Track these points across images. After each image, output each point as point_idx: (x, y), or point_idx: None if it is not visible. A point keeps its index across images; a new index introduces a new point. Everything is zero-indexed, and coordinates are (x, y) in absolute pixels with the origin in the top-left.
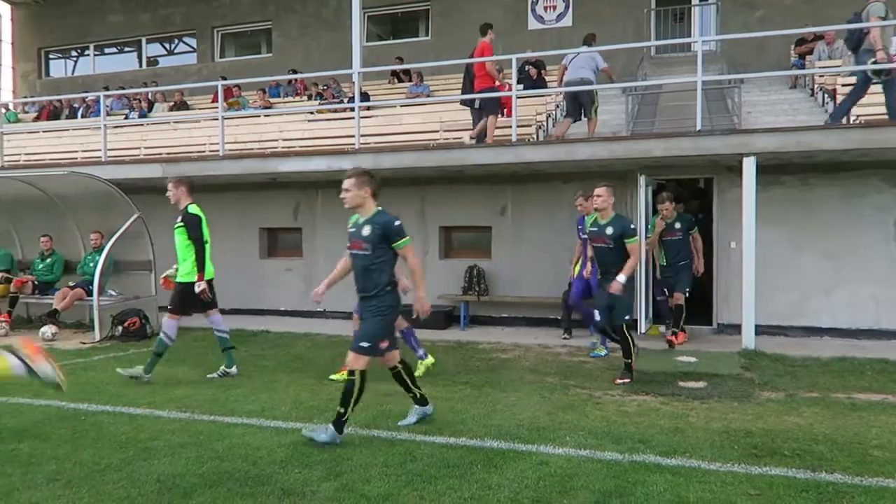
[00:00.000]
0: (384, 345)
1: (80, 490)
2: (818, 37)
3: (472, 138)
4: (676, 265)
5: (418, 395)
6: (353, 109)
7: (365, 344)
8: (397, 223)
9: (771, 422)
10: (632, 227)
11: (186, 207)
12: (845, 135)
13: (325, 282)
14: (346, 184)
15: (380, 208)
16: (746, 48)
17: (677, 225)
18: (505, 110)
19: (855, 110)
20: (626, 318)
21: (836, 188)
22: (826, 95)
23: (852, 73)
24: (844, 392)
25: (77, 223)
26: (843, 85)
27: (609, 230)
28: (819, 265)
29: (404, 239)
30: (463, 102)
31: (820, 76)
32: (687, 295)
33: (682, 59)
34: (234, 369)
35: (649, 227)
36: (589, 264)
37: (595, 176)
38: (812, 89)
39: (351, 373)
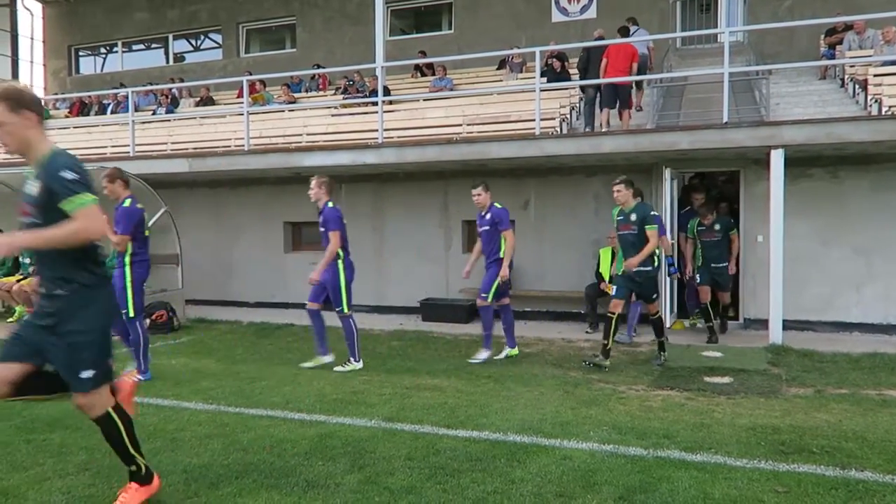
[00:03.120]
0: None
1: (110, 479)
2: (848, 26)
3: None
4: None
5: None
6: (376, 104)
7: None
8: (653, 212)
9: (799, 418)
10: (652, 213)
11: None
12: (877, 126)
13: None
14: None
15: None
16: (775, 39)
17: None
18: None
19: (886, 101)
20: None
21: (866, 181)
22: (857, 86)
23: (883, 63)
24: (875, 388)
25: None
26: (875, 75)
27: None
28: (849, 259)
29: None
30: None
31: (850, 66)
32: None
33: (709, 51)
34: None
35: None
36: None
37: (619, 169)
38: (842, 80)
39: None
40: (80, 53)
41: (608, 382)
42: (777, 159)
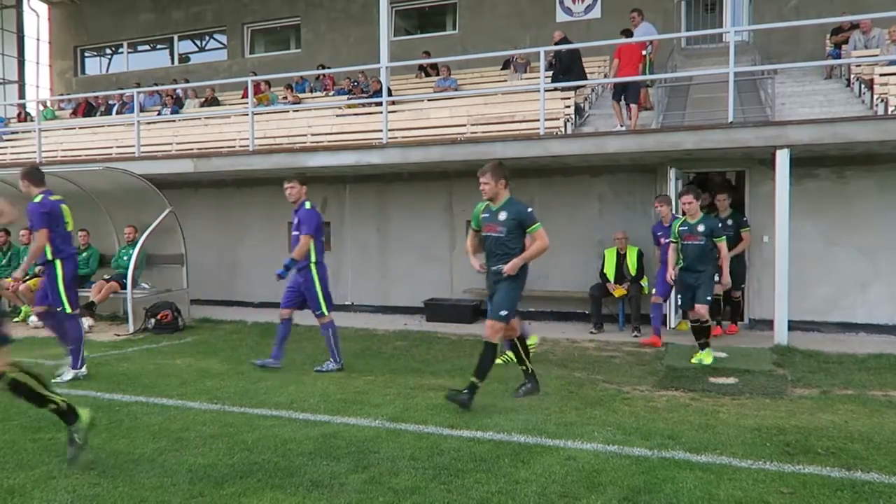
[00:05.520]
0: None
1: (115, 479)
2: (854, 26)
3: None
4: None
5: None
6: (380, 104)
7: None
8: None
9: (804, 419)
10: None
11: None
12: (883, 126)
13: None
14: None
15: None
16: (780, 38)
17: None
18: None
19: (892, 101)
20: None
21: (872, 181)
22: (863, 86)
23: (889, 63)
24: (881, 389)
25: (111, 217)
26: (881, 75)
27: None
28: (855, 260)
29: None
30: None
31: (856, 66)
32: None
33: (714, 51)
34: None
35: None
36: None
37: (624, 169)
38: (848, 80)
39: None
40: (86, 54)
41: (612, 383)
42: (783, 159)
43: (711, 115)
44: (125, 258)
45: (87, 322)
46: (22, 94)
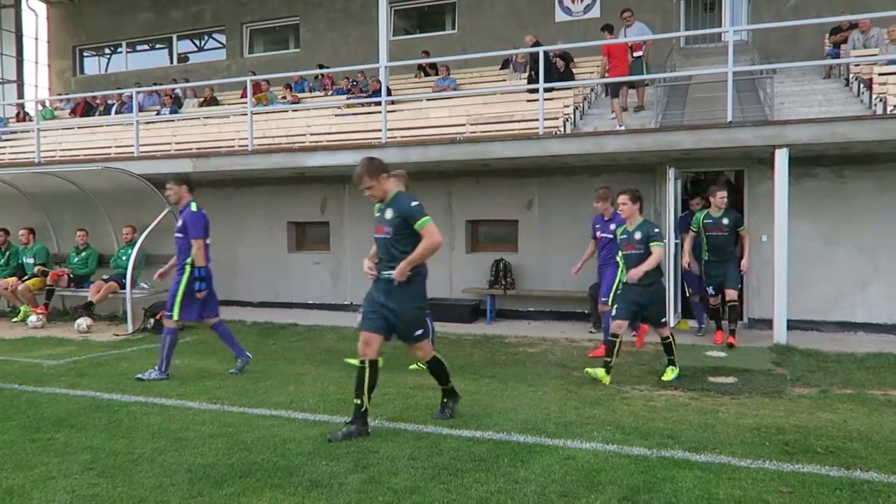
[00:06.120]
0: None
1: (114, 479)
2: (853, 25)
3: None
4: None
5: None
6: (379, 104)
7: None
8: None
9: (803, 418)
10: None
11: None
12: (882, 125)
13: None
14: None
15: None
16: (779, 38)
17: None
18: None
19: (891, 100)
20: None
21: (871, 180)
22: (861, 85)
23: (888, 62)
24: (880, 388)
25: (110, 217)
26: (880, 74)
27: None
28: (854, 259)
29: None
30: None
31: (855, 65)
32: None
33: (713, 50)
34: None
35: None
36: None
37: (623, 169)
38: (847, 79)
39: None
40: (85, 54)
41: (612, 382)
42: (781, 159)
43: (710, 114)
44: (124, 258)
45: (86, 322)
46: (21, 94)
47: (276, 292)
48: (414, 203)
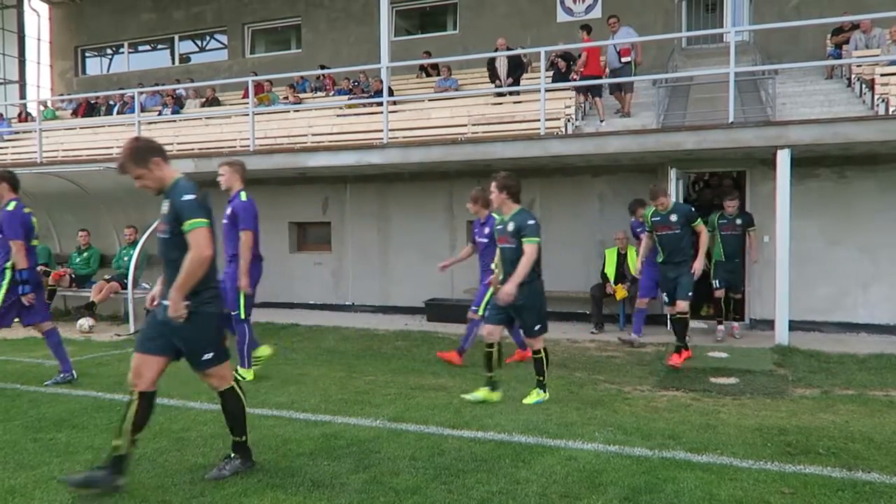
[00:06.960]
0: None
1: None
2: (855, 26)
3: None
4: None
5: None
6: (381, 104)
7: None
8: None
9: (805, 419)
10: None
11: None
12: (884, 126)
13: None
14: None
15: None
16: (781, 38)
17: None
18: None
19: (893, 101)
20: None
21: (873, 181)
22: (863, 86)
23: (890, 63)
24: (882, 389)
25: (112, 218)
26: (882, 75)
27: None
28: (856, 260)
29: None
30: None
31: (857, 66)
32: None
33: (714, 51)
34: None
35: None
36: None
37: (625, 169)
38: (849, 80)
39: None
40: (87, 54)
41: (613, 383)
42: (783, 159)
43: (712, 115)
44: (126, 259)
45: (87, 322)
46: (23, 95)
47: (277, 293)
48: (188, 197)
